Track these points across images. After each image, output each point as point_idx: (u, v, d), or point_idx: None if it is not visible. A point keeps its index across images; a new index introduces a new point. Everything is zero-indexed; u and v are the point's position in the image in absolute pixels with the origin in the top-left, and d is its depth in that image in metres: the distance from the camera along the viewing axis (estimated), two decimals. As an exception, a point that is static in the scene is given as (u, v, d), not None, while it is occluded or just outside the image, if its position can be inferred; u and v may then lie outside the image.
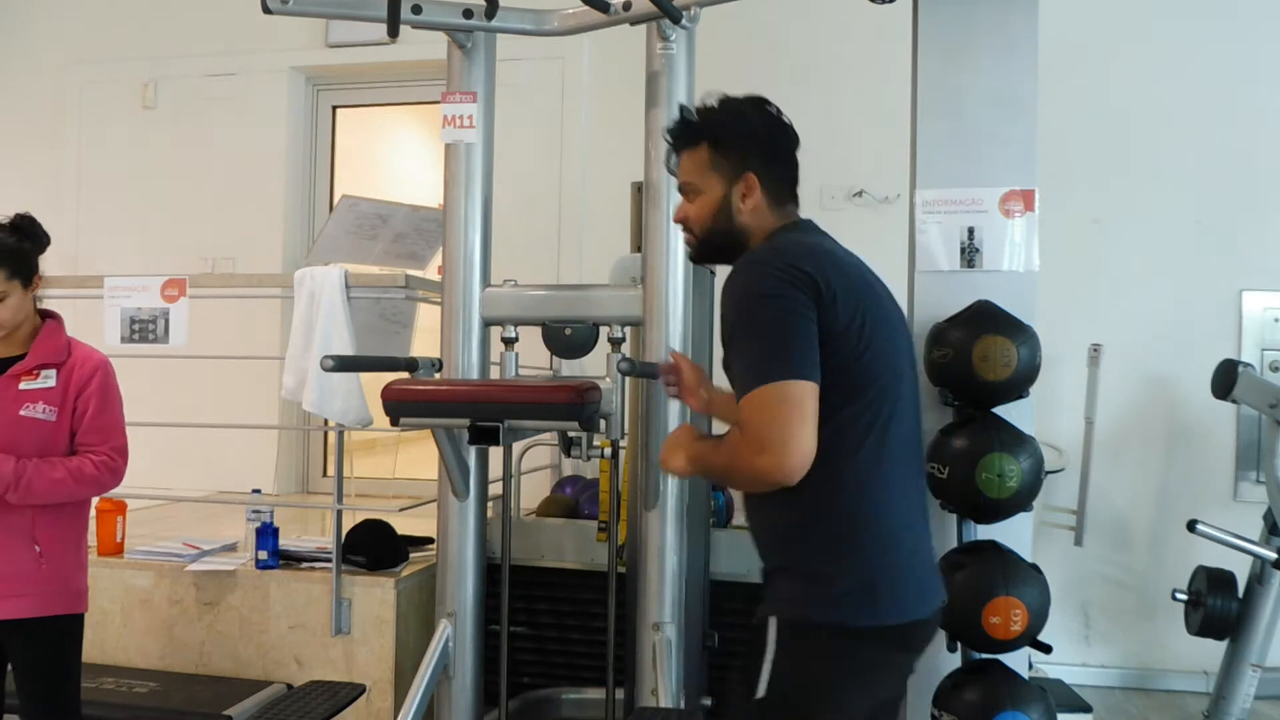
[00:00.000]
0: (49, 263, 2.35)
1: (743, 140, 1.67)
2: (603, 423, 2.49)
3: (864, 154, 4.23)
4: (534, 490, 3.79)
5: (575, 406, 2.25)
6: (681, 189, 1.74)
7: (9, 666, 2.28)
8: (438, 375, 2.65)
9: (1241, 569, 3.30)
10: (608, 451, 2.66)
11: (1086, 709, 3.36)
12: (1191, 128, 4.09)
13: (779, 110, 1.71)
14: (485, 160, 2.75)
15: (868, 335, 1.54)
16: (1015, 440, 2.22)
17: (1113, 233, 4.13)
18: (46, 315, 2.35)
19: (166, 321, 3.04)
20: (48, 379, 2.25)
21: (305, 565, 3.10)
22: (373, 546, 3.07)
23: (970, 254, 2.39)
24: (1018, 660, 2.28)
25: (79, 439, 2.28)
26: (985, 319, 2.27)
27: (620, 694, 2.81)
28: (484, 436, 2.26)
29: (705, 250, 1.75)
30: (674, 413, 2.59)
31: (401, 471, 4.71)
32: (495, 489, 3.08)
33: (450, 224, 2.73)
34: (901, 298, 2.50)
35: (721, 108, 1.70)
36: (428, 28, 2.63)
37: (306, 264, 3.08)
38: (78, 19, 5.11)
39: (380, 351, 3.11)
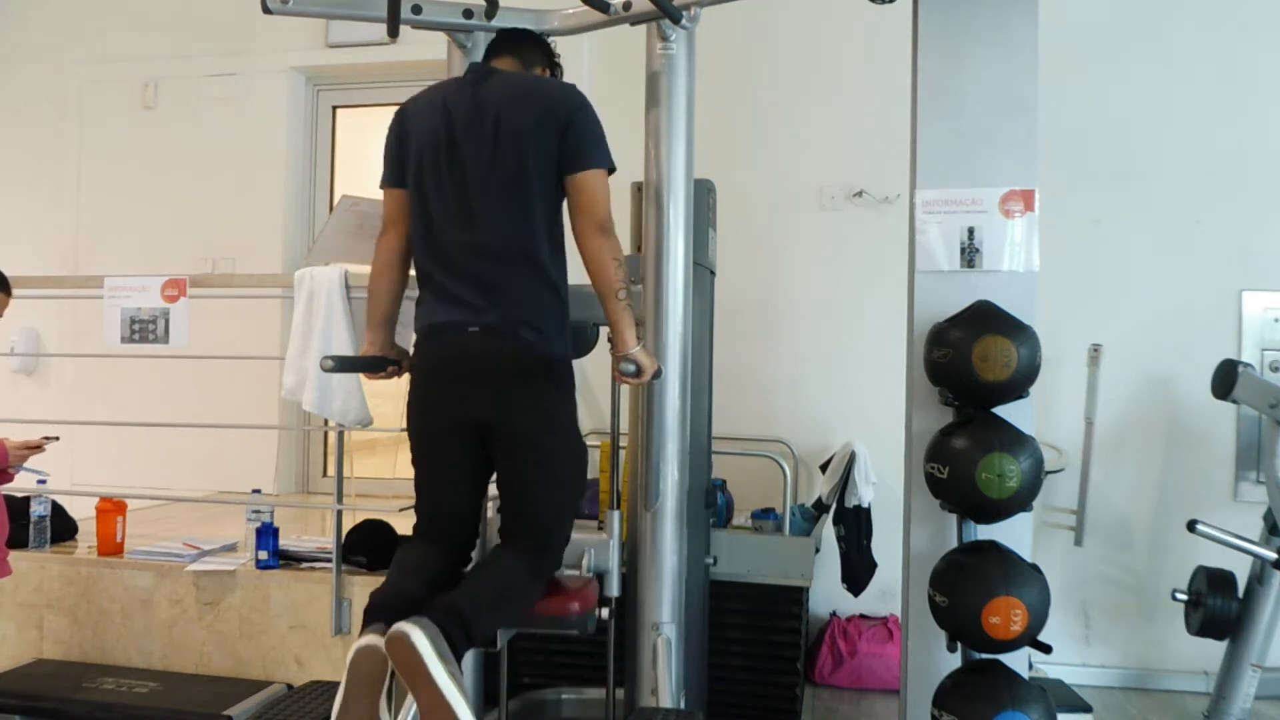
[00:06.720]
0: (50, 262, 2.37)
1: None
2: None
3: (864, 154, 4.22)
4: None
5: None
6: None
7: None
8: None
9: (1241, 569, 3.30)
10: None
11: (1086, 709, 3.36)
12: (1191, 128, 4.09)
13: None
14: (485, 160, 2.75)
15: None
16: (1015, 440, 2.21)
17: (1113, 233, 4.13)
18: None
19: (167, 322, 3.05)
20: None
21: (305, 565, 3.10)
22: (373, 546, 3.08)
23: (970, 254, 2.39)
24: (1018, 660, 2.28)
25: None
26: (985, 319, 2.27)
27: (620, 694, 2.81)
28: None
29: None
30: (673, 412, 2.59)
31: (401, 471, 4.70)
32: (493, 488, 3.06)
33: (450, 224, 2.71)
34: (901, 298, 2.53)
35: None
36: (428, 28, 2.63)
37: (306, 264, 3.08)
38: (78, 19, 5.11)
39: (380, 351, 3.09)
